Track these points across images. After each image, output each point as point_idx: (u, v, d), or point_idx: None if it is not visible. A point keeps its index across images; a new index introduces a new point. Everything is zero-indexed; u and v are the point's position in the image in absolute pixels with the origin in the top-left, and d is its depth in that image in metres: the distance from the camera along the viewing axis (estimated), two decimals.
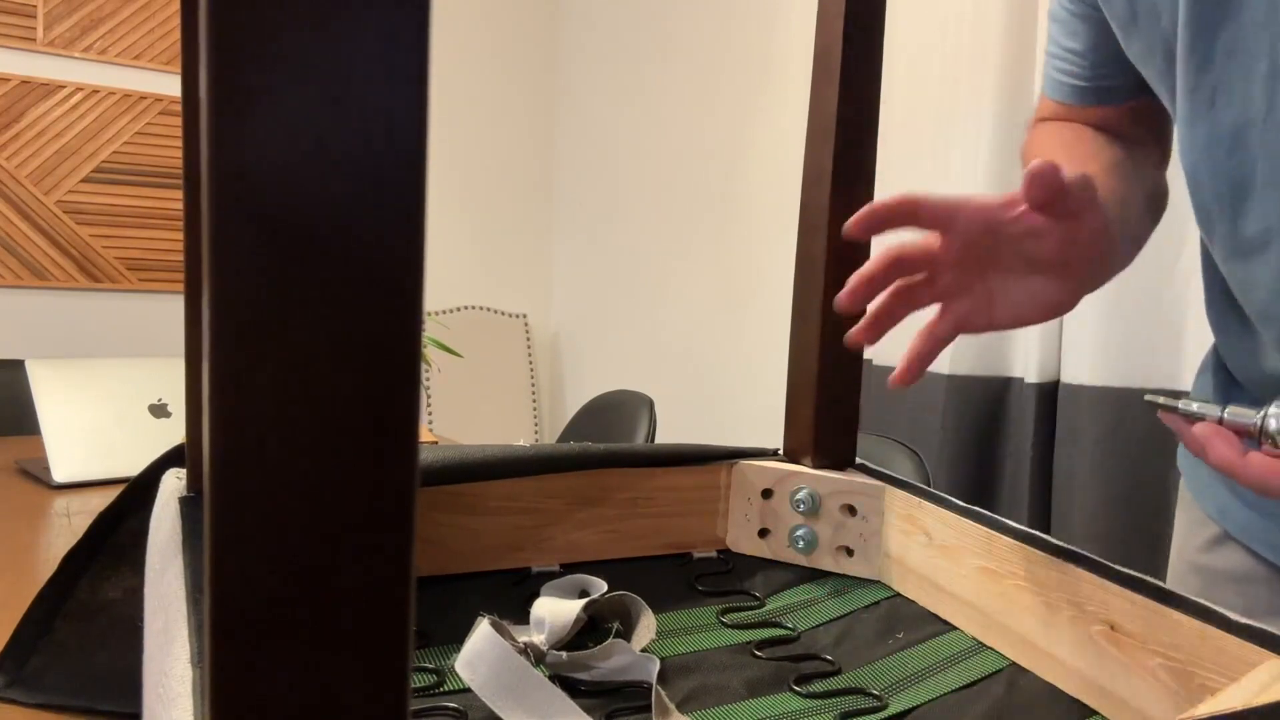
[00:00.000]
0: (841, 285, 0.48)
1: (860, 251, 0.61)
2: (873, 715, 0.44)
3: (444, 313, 3.15)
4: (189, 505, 0.50)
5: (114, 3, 2.70)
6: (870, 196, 0.61)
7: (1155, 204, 0.65)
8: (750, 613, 0.55)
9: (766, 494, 0.61)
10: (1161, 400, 0.44)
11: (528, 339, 3.35)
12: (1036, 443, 1.72)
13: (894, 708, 0.45)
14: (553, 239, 3.46)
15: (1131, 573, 0.44)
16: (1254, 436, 0.40)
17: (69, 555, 0.62)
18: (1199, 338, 1.27)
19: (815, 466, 0.61)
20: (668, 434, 2.52)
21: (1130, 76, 0.62)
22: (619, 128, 3.09)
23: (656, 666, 0.45)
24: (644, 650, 0.47)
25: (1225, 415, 0.41)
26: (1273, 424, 0.39)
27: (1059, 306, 0.50)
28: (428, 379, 3.04)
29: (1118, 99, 0.66)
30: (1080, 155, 0.62)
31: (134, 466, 0.60)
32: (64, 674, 0.64)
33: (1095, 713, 0.44)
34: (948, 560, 0.53)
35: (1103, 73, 0.65)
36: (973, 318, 0.50)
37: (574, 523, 0.58)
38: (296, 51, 0.14)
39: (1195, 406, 0.43)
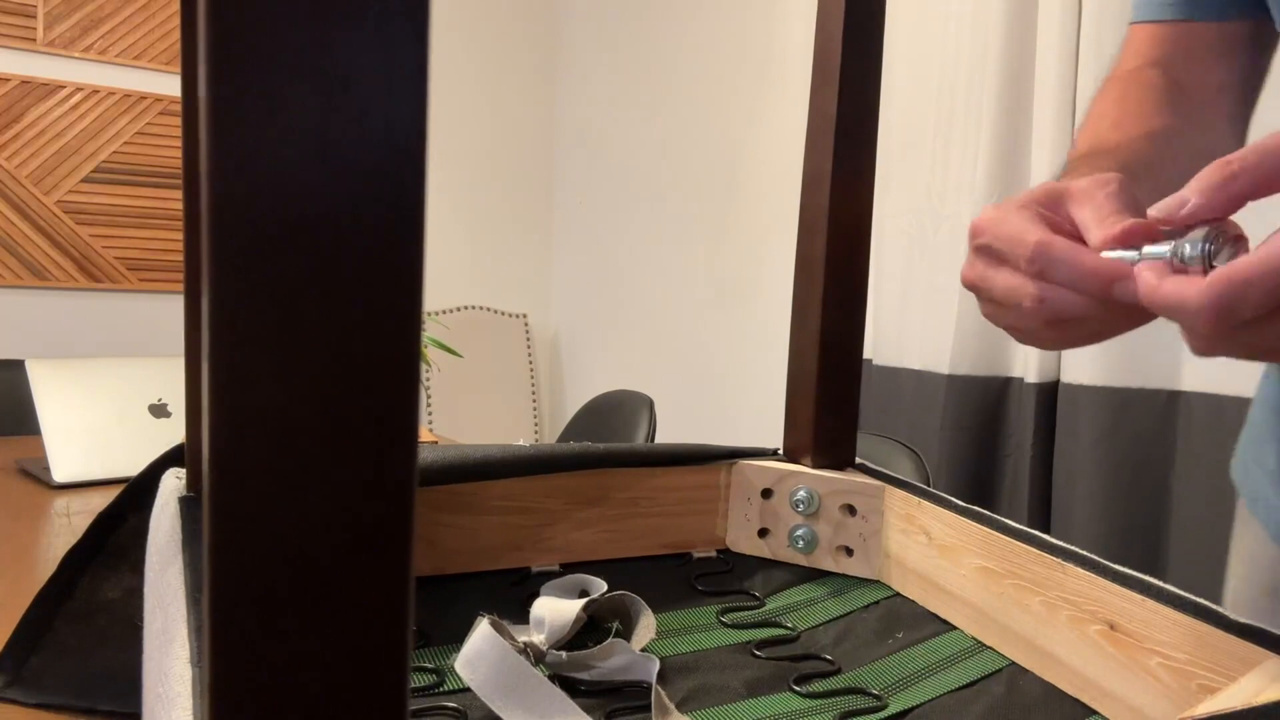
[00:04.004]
0: (841, 286, 0.48)
1: (859, 252, 0.61)
2: (872, 715, 0.44)
3: (444, 313, 3.15)
4: (189, 505, 0.50)
5: (114, 3, 2.70)
6: (870, 196, 0.61)
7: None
8: (750, 613, 0.55)
9: (766, 494, 0.61)
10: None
11: (528, 339, 3.35)
12: (1036, 443, 1.72)
13: (894, 707, 0.45)
14: (553, 239, 3.46)
15: (1131, 573, 0.44)
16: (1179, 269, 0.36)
17: (69, 555, 0.62)
18: None
19: (815, 466, 0.61)
20: (668, 434, 2.52)
21: None
22: (619, 128, 3.09)
23: (656, 666, 0.45)
24: (644, 650, 0.47)
25: (1142, 254, 0.37)
26: (1186, 249, 0.35)
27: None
28: (428, 379, 3.04)
29: (1221, 10, 0.61)
30: (1144, 135, 0.57)
31: (134, 466, 0.60)
32: (64, 674, 0.64)
33: (1095, 713, 0.44)
34: (947, 560, 0.53)
35: None
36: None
37: (574, 522, 0.58)
38: (296, 51, 0.14)
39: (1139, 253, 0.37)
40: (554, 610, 0.47)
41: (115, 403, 1.51)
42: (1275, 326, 0.33)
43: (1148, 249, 0.37)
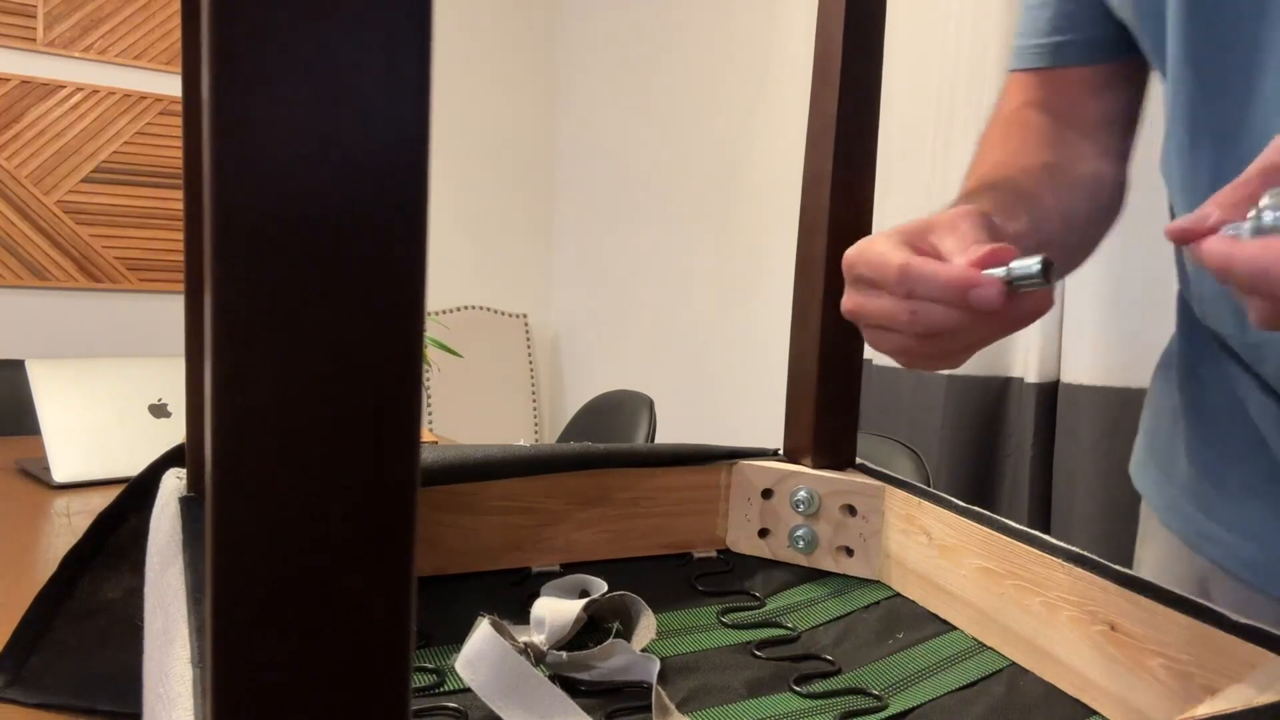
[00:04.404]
0: (841, 286, 0.48)
1: None
2: (873, 715, 0.44)
3: (444, 313, 3.15)
4: (189, 505, 0.50)
5: (114, 3, 2.70)
6: (870, 197, 0.61)
7: (1105, 206, 0.65)
8: (750, 613, 0.55)
9: (766, 494, 0.61)
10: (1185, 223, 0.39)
11: (528, 339, 3.35)
12: (1036, 443, 1.72)
13: (894, 708, 0.45)
14: (553, 239, 3.46)
15: (1131, 573, 0.44)
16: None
17: (69, 555, 0.62)
18: None
19: (815, 466, 0.61)
20: (668, 434, 2.52)
21: (1101, 28, 0.62)
22: (619, 128, 3.09)
23: (656, 666, 0.45)
24: (644, 650, 0.47)
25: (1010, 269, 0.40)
26: (1267, 216, 0.35)
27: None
28: (428, 379, 3.04)
29: (1089, 56, 0.65)
30: (1023, 170, 0.62)
31: (134, 466, 0.60)
32: (64, 674, 0.64)
33: (1095, 713, 0.44)
34: (948, 560, 0.53)
35: (1074, 23, 0.65)
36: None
37: (574, 522, 0.58)
38: (298, 51, 0.14)
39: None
40: (554, 610, 0.47)
41: (115, 403, 1.51)
42: None
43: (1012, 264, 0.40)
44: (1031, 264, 0.39)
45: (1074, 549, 0.47)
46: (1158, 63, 0.58)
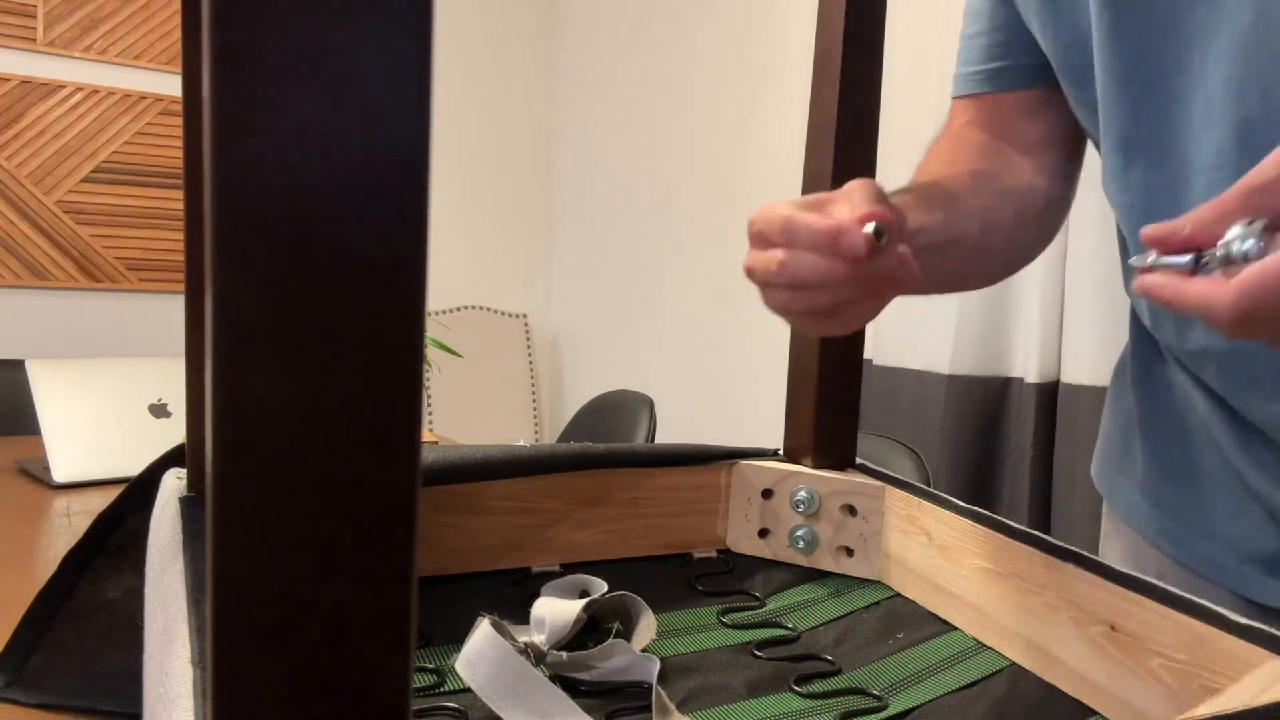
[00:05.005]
0: None
1: None
2: (873, 715, 0.44)
3: (444, 313, 3.15)
4: (189, 505, 0.50)
5: (114, 3, 2.70)
6: None
7: (1037, 218, 0.68)
8: (750, 613, 0.55)
9: (766, 494, 0.61)
10: (1144, 260, 0.41)
11: (528, 339, 3.35)
12: (1036, 443, 1.72)
13: (894, 708, 0.45)
14: (553, 239, 3.46)
15: (1131, 573, 0.44)
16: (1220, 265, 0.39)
17: (69, 555, 0.62)
18: None
19: (815, 467, 0.61)
20: (668, 434, 2.52)
21: (1035, 54, 0.64)
22: (619, 127, 3.09)
23: (657, 666, 0.45)
24: (644, 650, 0.47)
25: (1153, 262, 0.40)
26: (1235, 246, 0.37)
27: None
28: (428, 379, 3.04)
29: (1024, 80, 0.67)
30: (952, 175, 0.65)
31: (134, 466, 0.60)
32: (64, 674, 0.64)
33: (1095, 713, 0.44)
34: (948, 560, 0.53)
35: (1009, 50, 0.67)
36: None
37: (574, 523, 0.58)
38: (300, 51, 0.14)
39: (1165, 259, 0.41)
40: (554, 610, 0.47)
41: (115, 403, 1.51)
42: None
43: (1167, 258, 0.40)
44: (1240, 240, 0.38)
45: (1074, 549, 0.47)
46: (1079, 91, 0.61)
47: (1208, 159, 0.51)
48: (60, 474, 1.40)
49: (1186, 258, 0.39)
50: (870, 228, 0.43)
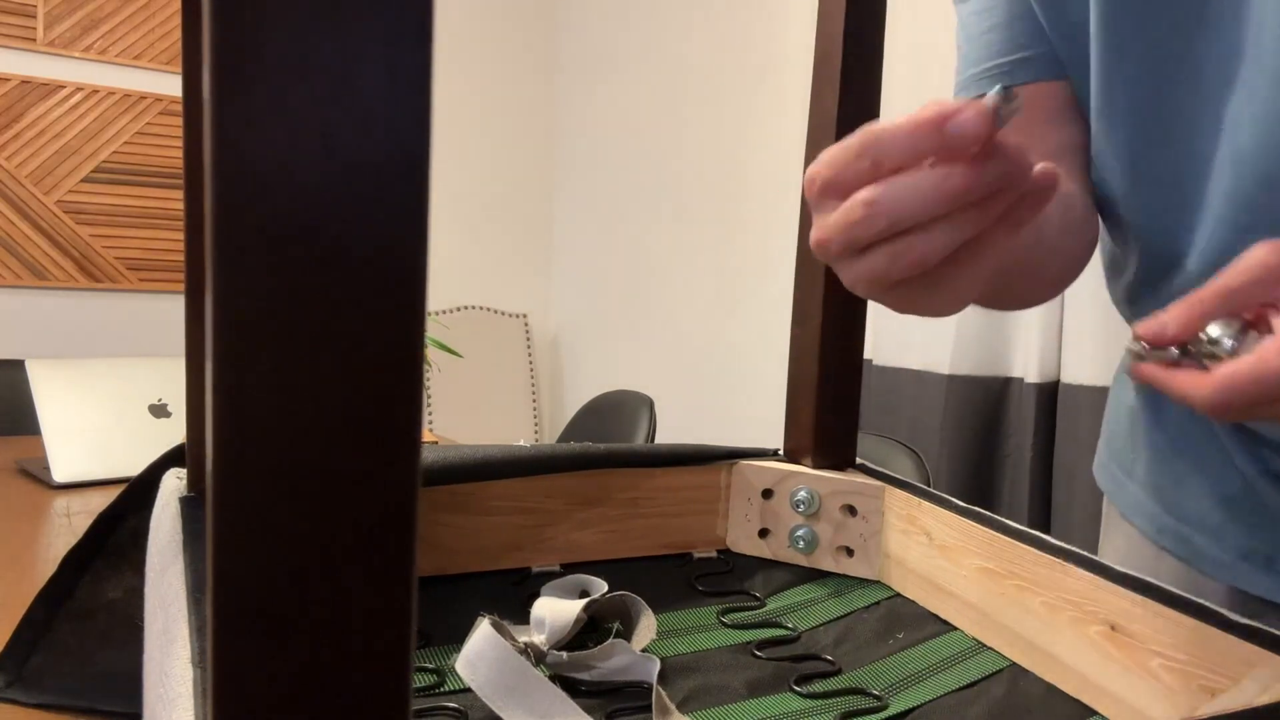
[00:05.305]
0: (841, 286, 0.48)
1: None
2: (873, 715, 0.44)
3: (444, 313, 3.15)
4: (189, 505, 0.50)
5: (114, 3, 2.70)
6: None
7: (1079, 223, 0.62)
8: (750, 613, 0.55)
9: (766, 494, 0.61)
10: (1138, 348, 0.43)
11: (528, 339, 3.35)
12: (1036, 443, 1.73)
13: (894, 708, 0.45)
14: (553, 239, 3.46)
15: (1131, 573, 0.44)
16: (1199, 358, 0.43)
17: (69, 555, 0.62)
18: None
19: (815, 467, 0.61)
20: (668, 434, 2.52)
21: (1048, 45, 0.60)
22: (619, 127, 3.09)
23: (657, 666, 0.45)
24: (644, 650, 0.47)
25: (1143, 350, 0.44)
26: (1213, 346, 0.41)
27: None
28: (428, 379, 3.04)
29: (1052, 70, 0.62)
30: None
31: (134, 466, 0.60)
32: (64, 674, 0.64)
33: (1095, 713, 0.44)
34: (948, 560, 0.53)
35: (1034, 39, 0.62)
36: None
37: (574, 523, 0.58)
38: (298, 51, 0.14)
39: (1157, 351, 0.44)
40: (554, 610, 0.47)
41: (115, 403, 1.51)
42: (1267, 409, 0.39)
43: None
44: (1221, 337, 0.42)
45: (1074, 549, 0.47)
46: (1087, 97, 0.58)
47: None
48: (60, 474, 1.40)
49: (1174, 351, 0.43)
50: (995, 92, 0.32)
